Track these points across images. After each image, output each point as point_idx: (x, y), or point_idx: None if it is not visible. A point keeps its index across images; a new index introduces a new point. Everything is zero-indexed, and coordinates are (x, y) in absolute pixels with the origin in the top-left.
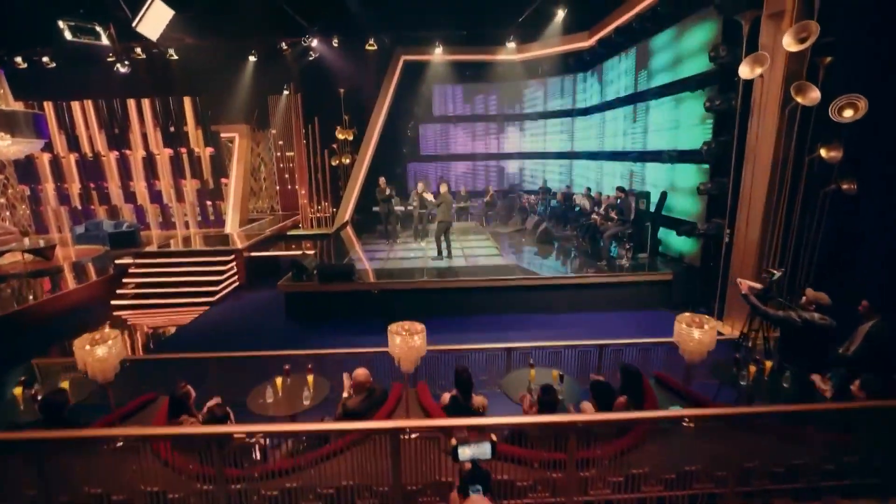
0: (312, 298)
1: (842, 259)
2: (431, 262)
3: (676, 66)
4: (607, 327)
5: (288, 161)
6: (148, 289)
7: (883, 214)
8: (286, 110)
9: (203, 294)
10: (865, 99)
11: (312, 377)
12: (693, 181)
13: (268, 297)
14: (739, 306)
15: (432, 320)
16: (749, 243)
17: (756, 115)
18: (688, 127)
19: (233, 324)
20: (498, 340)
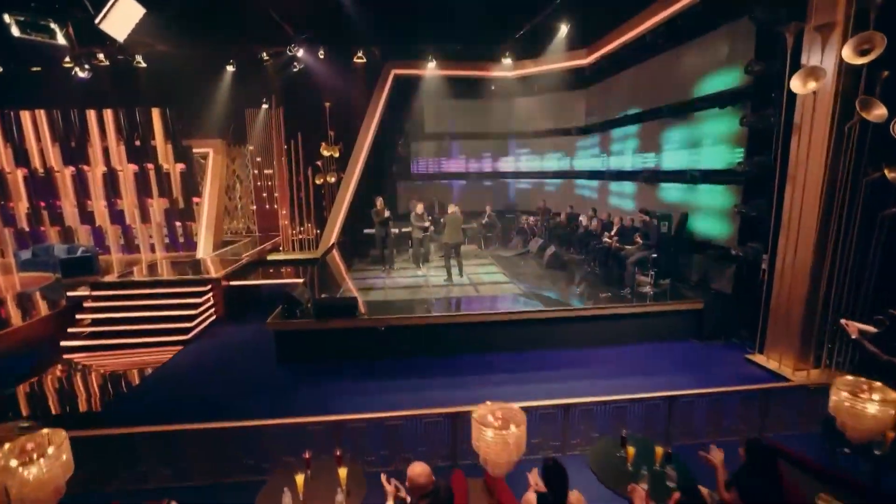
0: (308, 338)
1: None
2: (438, 291)
3: (696, 83)
4: (637, 362)
5: (266, 179)
6: (107, 325)
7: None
8: (265, 125)
9: (175, 331)
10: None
11: (346, 470)
12: (718, 202)
13: (251, 333)
14: (786, 338)
15: (447, 360)
16: (799, 269)
17: (802, 133)
18: (711, 145)
19: (212, 368)
20: (525, 382)
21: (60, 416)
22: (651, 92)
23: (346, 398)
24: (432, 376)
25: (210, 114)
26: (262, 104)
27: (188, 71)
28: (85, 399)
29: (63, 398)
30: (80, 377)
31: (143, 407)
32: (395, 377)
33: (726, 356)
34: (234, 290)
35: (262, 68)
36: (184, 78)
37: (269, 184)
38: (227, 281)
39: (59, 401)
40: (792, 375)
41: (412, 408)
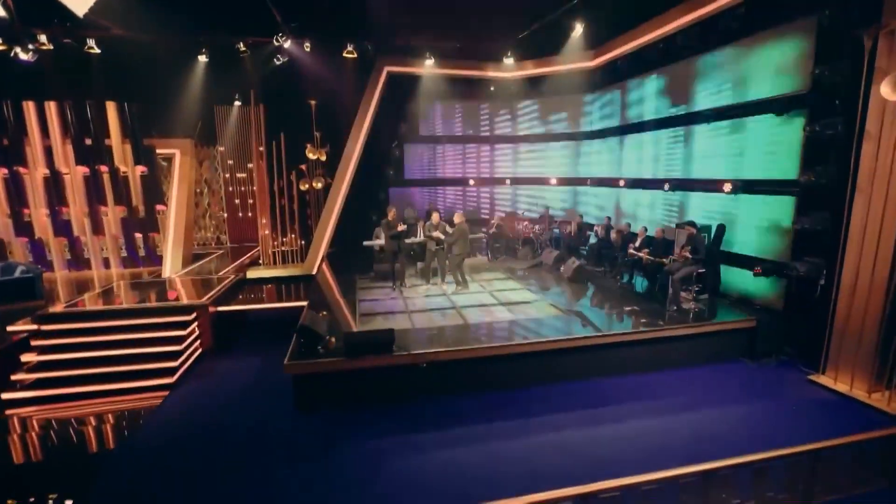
0: (334, 380)
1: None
2: (469, 314)
3: (740, 86)
4: (700, 389)
5: (239, 184)
6: (62, 369)
7: None
8: (239, 124)
9: (155, 373)
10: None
11: None
12: (764, 214)
13: (251, 369)
14: (858, 359)
15: (492, 395)
16: (876, 285)
17: (877, 142)
18: (757, 154)
19: (212, 423)
20: (597, 422)
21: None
22: (679, 96)
23: (400, 459)
24: (487, 419)
25: (177, 110)
26: (235, 101)
27: (151, 60)
28: (34, 475)
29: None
30: (24, 441)
31: (119, 491)
32: (447, 424)
33: (785, 378)
34: (222, 316)
35: (238, 61)
36: (146, 68)
37: (242, 189)
38: (215, 307)
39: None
40: (868, 399)
41: (487, 466)
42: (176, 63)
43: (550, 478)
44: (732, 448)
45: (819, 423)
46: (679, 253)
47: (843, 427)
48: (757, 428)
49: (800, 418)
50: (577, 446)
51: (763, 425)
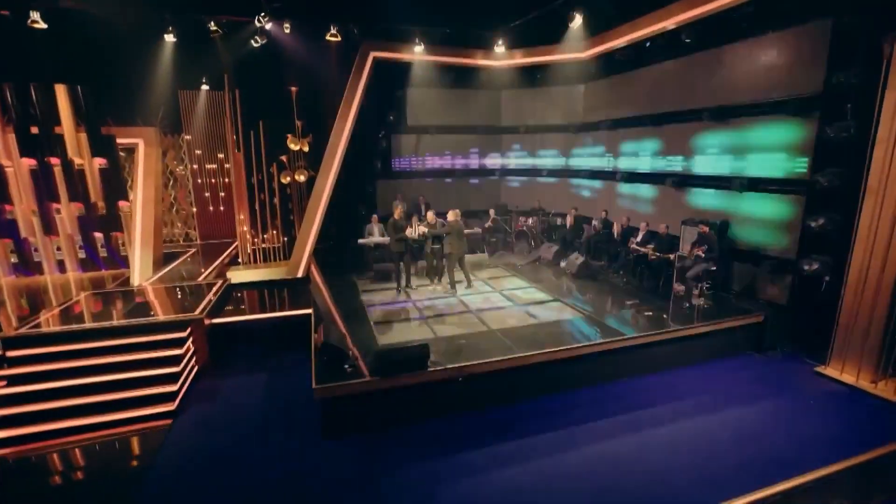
0: (364, 400)
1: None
2: (491, 318)
3: (751, 85)
4: (720, 386)
5: (209, 175)
6: (39, 402)
7: None
8: (207, 110)
9: (152, 399)
10: None
11: None
12: (770, 211)
13: (256, 388)
14: (863, 351)
15: (525, 404)
16: (885, 283)
17: (887, 146)
18: (763, 153)
19: (230, 458)
20: (637, 426)
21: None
22: (684, 92)
23: (453, 485)
24: (530, 430)
25: (137, 95)
26: (202, 85)
27: (109, 38)
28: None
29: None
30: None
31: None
32: (491, 439)
33: (794, 370)
34: (216, 329)
35: (209, 42)
36: (102, 47)
37: (212, 181)
38: (210, 318)
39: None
40: (874, 389)
41: (546, 484)
42: (137, 42)
43: (612, 492)
44: (775, 448)
45: (843, 417)
46: (691, 251)
47: (860, 418)
48: (788, 424)
49: (824, 412)
50: (625, 455)
51: (792, 422)
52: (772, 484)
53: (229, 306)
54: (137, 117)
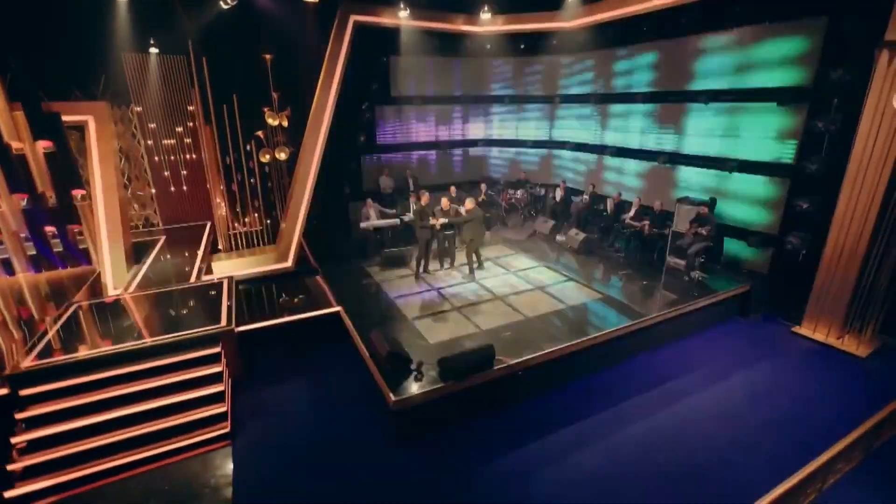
0: (433, 404)
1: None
2: (525, 306)
3: (741, 73)
4: (720, 352)
5: (168, 152)
6: (72, 443)
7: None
8: (163, 78)
9: (199, 423)
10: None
11: None
12: (756, 191)
13: (301, 395)
14: (832, 314)
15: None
16: (849, 258)
17: (867, 140)
18: (755, 138)
19: (314, 477)
20: (667, 400)
21: None
22: (676, 72)
23: (537, 474)
24: (583, 413)
25: (72, 60)
26: (150, 47)
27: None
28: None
29: None
30: None
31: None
32: (554, 426)
33: (775, 331)
34: (243, 336)
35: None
36: (30, 6)
37: (172, 158)
38: (237, 327)
39: None
40: (840, 344)
41: (617, 464)
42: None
43: (673, 464)
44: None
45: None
46: (690, 230)
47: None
48: (789, 383)
49: (811, 370)
50: (670, 428)
51: (792, 380)
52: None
53: (242, 308)
54: (74, 88)
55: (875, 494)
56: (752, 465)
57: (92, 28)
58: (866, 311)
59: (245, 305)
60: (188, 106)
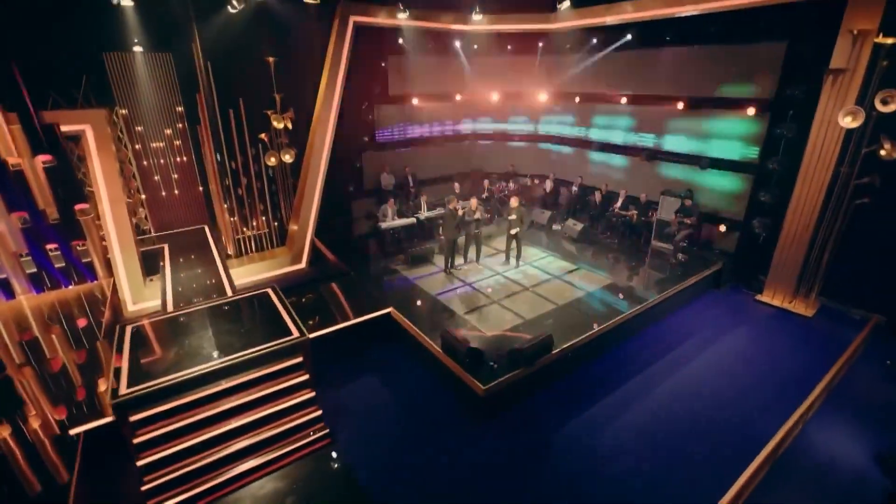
0: (510, 387)
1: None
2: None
3: (715, 83)
4: (706, 322)
5: (158, 155)
6: (192, 459)
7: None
8: (150, 77)
9: (299, 429)
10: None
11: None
12: (725, 184)
13: (378, 393)
14: (785, 283)
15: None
16: (799, 239)
17: (816, 144)
18: (724, 139)
19: (420, 458)
20: (675, 368)
21: None
22: (657, 78)
23: (599, 432)
24: (617, 383)
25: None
26: (134, 46)
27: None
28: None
29: None
30: None
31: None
32: (602, 393)
33: (743, 300)
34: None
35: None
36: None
37: (161, 162)
38: (309, 333)
39: None
40: (791, 306)
41: (656, 419)
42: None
43: (698, 412)
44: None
45: (788, 329)
46: (675, 219)
47: (795, 326)
48: (764, 342)
49: (778, 331)
50: (687, 386)
51: (765, 340)
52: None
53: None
54: (50, 91)
55: (844, 418)
56: (755, 409)
57: (82, 29)
58: (811, 281)
59: (303, 310)
60: (177, 107)
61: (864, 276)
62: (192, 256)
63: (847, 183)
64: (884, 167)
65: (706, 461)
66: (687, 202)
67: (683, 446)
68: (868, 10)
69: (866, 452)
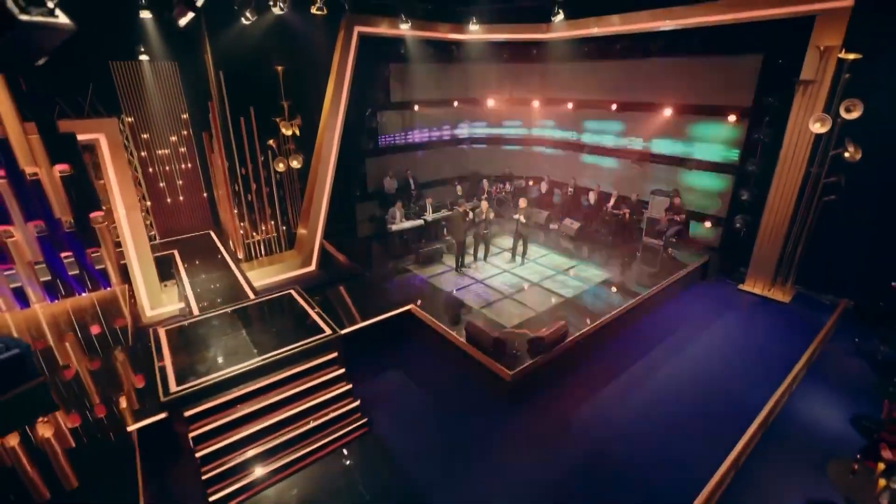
0: (533, 372)
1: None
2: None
3: (699, 91)
4: (693, 312)
5: (162, 162)
6: (245, 449)
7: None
8: (154, 86)
9: (342, 417)
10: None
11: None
12: (707, 184)
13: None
14: (763, 274)
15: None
16: (776, 233)
17: (789, 148)
18: (707, 143)
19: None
20: (674, 352)
21: None
22: (645, 87)
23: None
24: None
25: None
26: (140, 55)
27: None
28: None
29: None
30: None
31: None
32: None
33: (727, 290)
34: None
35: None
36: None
37: (166, 168)
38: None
39: None
40: (769, 293)
41: (666, 391)
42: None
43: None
44: (753, 342)
45: (769, 314)
46: (665, 217)
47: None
48: (749, 327)
49: (761, 316)
50: (689, 367)
51: (751, 324)
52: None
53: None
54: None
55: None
56: (746, 383)
57: (89, 38)
58: (787, 270)
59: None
60: (181, 114)
61: (832, 265)
62: (204, 261)
63: (817, 182)
64: (848, 168)
65: (707, 430)
66: (676, 201)
67: (686, 418)
68: (833, 28)
69: (844, 416)
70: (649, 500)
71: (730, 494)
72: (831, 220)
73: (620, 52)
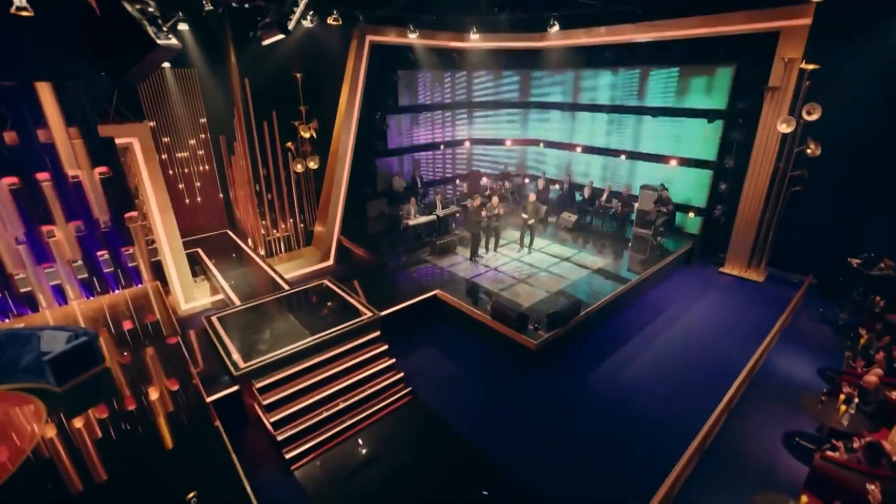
0: (551, 343)
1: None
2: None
3: (681, 95)
4: (680, 294)
5: (181, 165)
6: (308, 416)
7: (818, 205)
8: (176, 92)
9: (389, 387)
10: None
11: None
12: (695, 180)
13: (436, 354)
14: (740, 257)
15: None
16: (750, 221)
17: (760, 146)
18: (691, 142)
19: (490, 399)
20: (668, 328)
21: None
22: (631, 91)
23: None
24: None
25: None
26: (165, 63)
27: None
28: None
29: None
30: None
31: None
32: (619, 345)
33: (709, 273)
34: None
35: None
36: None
37: (185, 171)
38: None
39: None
40: (745, 274)
41: (659, 367)
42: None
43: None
44: (734, 316)
45: (745, 292)
46: (654, 208)
47: (751, 290)
48: (730, 304)
49: (739, 294)
50: (680, 339)
51: (729, 299)
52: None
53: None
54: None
55: (794, 350)
56: (730, 348)
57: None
58: (761, 254)
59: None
60: (200, 118)
61: (799, 248)
62: (229, 258)
63: (784, 175)
64: (810, 162)
65: (701, 386)
66: (663, 193)
67: (683, 378)
68: (795, 42)
69: (811, 369)
70: (660, 439)
71: (725, 430)
72: (797, 208)
73: (610, 59)
